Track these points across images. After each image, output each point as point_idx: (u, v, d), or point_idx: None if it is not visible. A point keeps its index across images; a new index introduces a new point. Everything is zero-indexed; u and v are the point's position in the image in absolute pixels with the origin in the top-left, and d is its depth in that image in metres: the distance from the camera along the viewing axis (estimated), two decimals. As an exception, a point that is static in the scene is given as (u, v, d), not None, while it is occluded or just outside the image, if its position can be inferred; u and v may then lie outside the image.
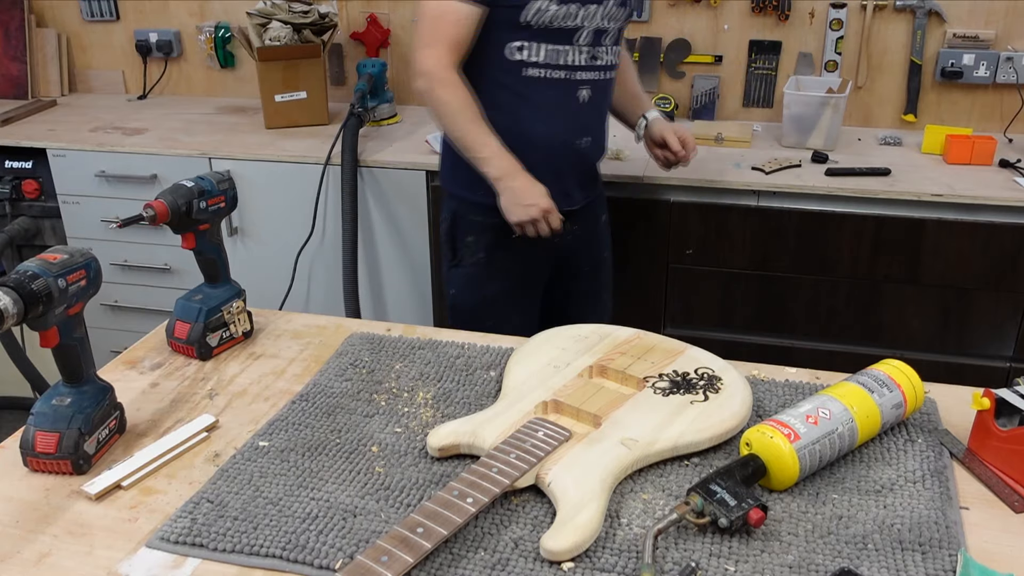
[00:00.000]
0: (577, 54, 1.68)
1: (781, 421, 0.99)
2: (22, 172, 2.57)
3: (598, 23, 1.66)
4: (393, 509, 0.95)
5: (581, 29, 1.65)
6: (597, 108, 1.78)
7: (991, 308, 2.11)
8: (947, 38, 2.42)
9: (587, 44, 1.67)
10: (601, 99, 1.78)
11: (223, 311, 1.30)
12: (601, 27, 1.67)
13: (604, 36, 1.69)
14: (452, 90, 1.63)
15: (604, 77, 1.75)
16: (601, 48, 1.70)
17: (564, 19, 1.63)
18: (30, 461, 1.04)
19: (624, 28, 1.77)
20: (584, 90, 1.71)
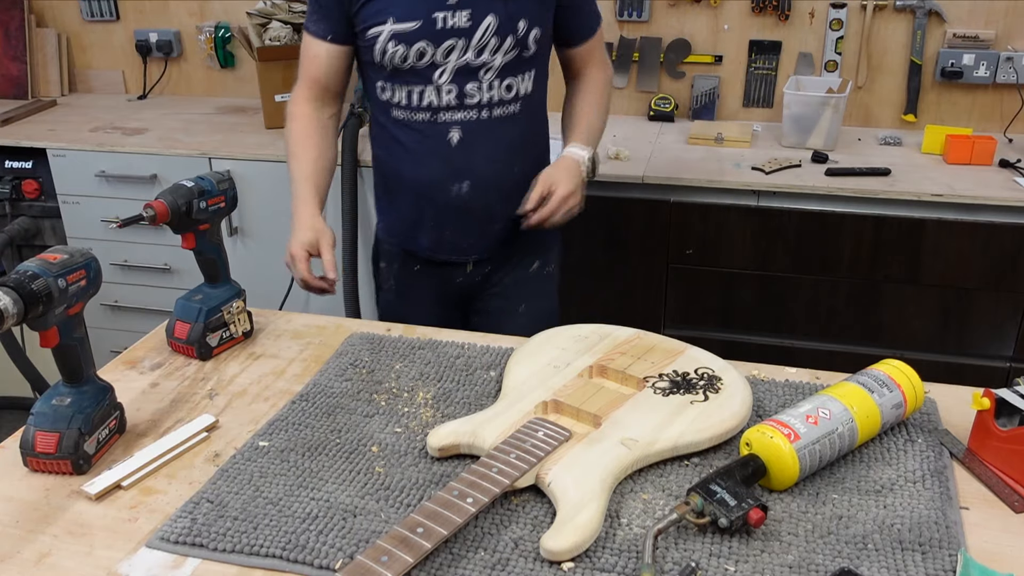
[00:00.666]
0: (439, 93, 1.51)
1: (781, 421, 0.99)
2: (22, 172, 2.57)
3: (466, 58, 1.48)
4: (393, 509, 0.95)
5: (440, 67, 1.49)
6: (476, 150, 1.56)
7: (991, 308, 2.11)
8: (947, 38, 2.43)
9: (450, 82, 1.50)
10: (484, 140, 1.56)
11: (223, 311, 1.30)
12: (471, 62, 1.49)
13: (481, 71, 1.50)
14: (292, 124, 1.61)
15: (484, 116, 1.54)
16: (475, 84, 1.51)
17: (416, 59, 1.48)
18: (30, 461, 1.04)
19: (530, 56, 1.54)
20: (454, 132, 1.54)
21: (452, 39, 1.48)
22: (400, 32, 1.47)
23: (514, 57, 1.52)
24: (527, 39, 1.51)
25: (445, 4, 1.46)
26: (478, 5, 1.47)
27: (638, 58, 2.63)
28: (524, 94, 1.57)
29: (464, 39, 1.48)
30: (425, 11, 1.46)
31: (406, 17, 1.46)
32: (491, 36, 1.48)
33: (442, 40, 1.48)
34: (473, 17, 1.47)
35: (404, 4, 1.47)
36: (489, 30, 1.48)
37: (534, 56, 1.55)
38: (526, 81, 1.56)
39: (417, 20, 1.46)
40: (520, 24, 1.49)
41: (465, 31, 1.47)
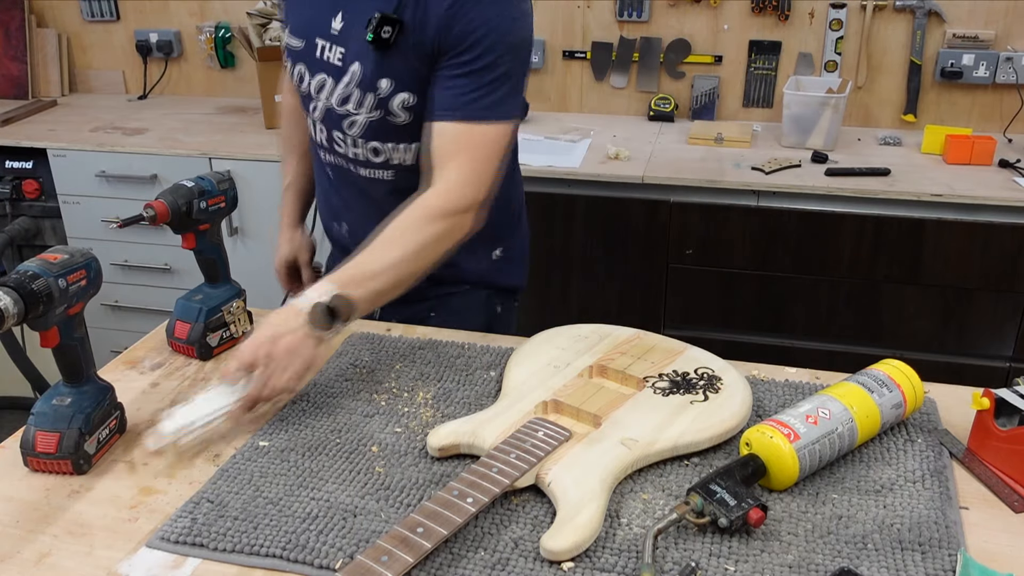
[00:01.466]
0: (316, 128, 1.35)
1: (781, 421, 0.99)
2: (22, 172, 2.57)
3: (331, 102, 1.28)
4: (393, 509, 0.95)
5: (313, 100, 1.31)
6: (347, 199, 1.40)
7: (991, 308, 2.12)
8: (947, 38, 2.43)
9: (321, 121, 1.32)
10: (354, 193, 1.38)
11: (223, 311, 1.30)
12: (336, 109, 1.28)
13: (343, 121, 1.28)
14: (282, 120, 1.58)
15: (352, 170, 1.35)
16: (340, 135, 1.30)
17: (296, 80, 1.33)
18: (30, 461, 1.04)
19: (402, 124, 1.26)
20: (328, 171, 1.40)
21: (323, 74, 1.28)
22: (289, 46, 1.33)
23: (378, 119, 1.26)
24: (390, 103, 1.24)
25: (329, 32, 1.26)
26: (352, 45, 1.24)
27: (638, 58, 2.63)
28: (400, 163, 1.32)
29: (332, 80, 1.27)
30: (310, 31, 1.28)
31: (296, 31, 1.31)
32: (352, 86, 1.25)
33: (317, 71, 1.29)
34: (344, 58, 1.25)
35: (298, 14, 1.31)
36: (353, 79, 1.25)
37: (411, 128, 1.26)
38: (403, 152, 1.30)
39: (302, 39, 1.30)
40: (382, 83, 1.23)
41: (335, 70, 1.26)
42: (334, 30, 1.25)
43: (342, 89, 1.26)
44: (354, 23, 1.23)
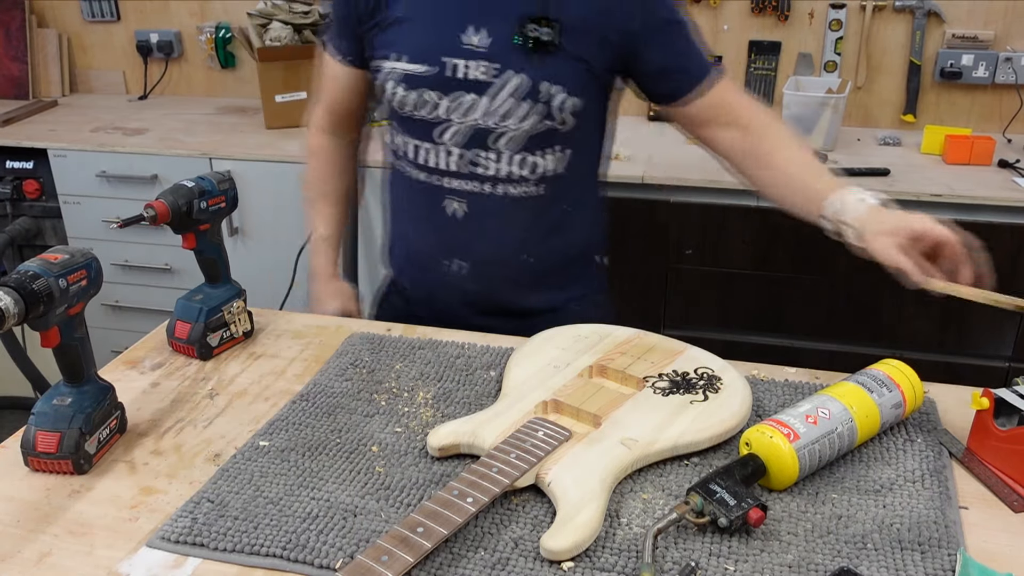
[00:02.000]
0: (441, 155, 1.28)
1: (780, 421, 0.99)
2: (23, 172, 2.57)
3: (479, 120, 1.23)
4: (393, 509, 0.96)
5: (445, 124, 1.25)
6: (479, 229, 1.32)
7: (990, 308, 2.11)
8: (946, 38, 2.43)
9: (458, 145, 1.26)
10: (491, 219, 1.31)
11: (223, 311, 1.30)
12: (484, 126, 1.23)
13: (492, 137, 1.24)
14: (309, 159, 1.49)
15: (495, 191, 1.28)
16: (486, 153, 1.25)
17: (418, 107, 1.26)
18: (31, 461, 1.04)
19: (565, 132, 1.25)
20: (455, 203, 1.30)
21: (464, 93, 1.22)
22: (407, 74, 1.24)
23: (542, 129, 1.23)
24: (552, 108, 1.22)
25: (462, 48, 1.21)
26: (503, 56, 1.20)
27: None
28: (550, 174, 1.28)
29: (480, 96, 1.22)
30: (437, 54, 1.22)
31: (416, 57, 1.24)
32: (510, 98, 1.21)
33: (453, 91, 1.23)
34: (495, 71, 1.20)
35: (416, 40, 1.24)
36: (510, 90, 1.21)
37: (571, 133, 1.25)
38: (554, 160, 1.28)
39: (427, 65, 1.23)
40: (547, 88, 1.20)
41: (482, 86, 1.22)
42: (471, 44, 1.20)
43: (496, 103, 1.22)
44: (500, 32, 1.20)
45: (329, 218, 1.49)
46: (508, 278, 1.37)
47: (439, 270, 1.38)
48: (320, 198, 1.49)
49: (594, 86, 1.25)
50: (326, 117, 1.45)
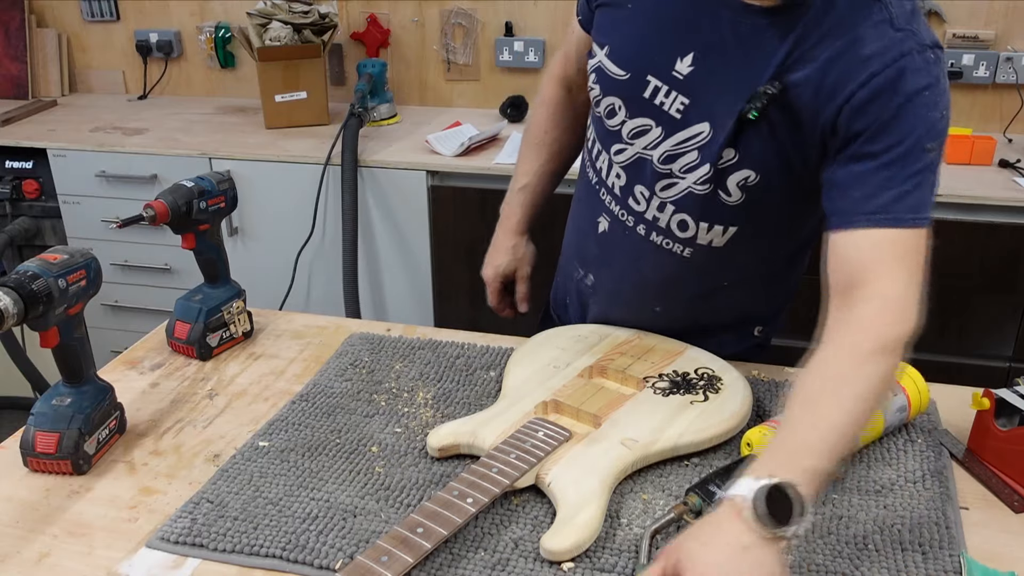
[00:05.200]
0: (609, 167, 1.15)
1: None
2: (22, 172, 2.57)
3: (652, 154, 1.08)
4: (393, 509, 0.95)
5: (621, 142, 1.11)
6: (613, 256, 1.21)
7: (991, 308, 2.11)
8: (947, 38, 2.42)
9: (623, 167, 1.12)
10: (625, 254, 1.18)
11: (223, 311, 1.30)
12: (653, 164, 1.08)
13: (657, 181, 1.09)
14: (535, 106, 1.36)
15: (639, 231, 1.15)
16: (644, 191, 1.11)
17: (604, 112, 1.11)
18: (30, 461, 1.04)
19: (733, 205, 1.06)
20: (604, 219, 1.19)
21: (649, 120, 1.07)
22: (605, 71, 1.10)
23: (706, 193, 1.05)
24: (726, 177, 1.03)
25: (670, 72, 1.03)
26: (703, 100, 1.02)
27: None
28: (705, 244, 1.11)
29: (663, 130, 1.06)
30: (641, 65, 1.06)
31: (619, 57, 1.08)
32: (693, 148, 1.04)
33: (639, 113, 1.07)
34: (688, 110, 1.03)
35: (626, 38, 1.08)
36: (696, 139, 1.04)
37: (738, 209, 1.06)
38: (715, 233, 1.10)
39: (626, 70, 1.07)
40: (727, 153, 1.02)
41: (670, 121, 1.05)
42: (678, 73, 1.03)
43: (673, 145, 1.05)
44: (710, 73, 1.01)
45: (535, 170, 1.36)
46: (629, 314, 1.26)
47: (572, 273, 1.32)
48: (533, 147, 1.36)
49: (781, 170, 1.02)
50: (562, 71, 1.31)
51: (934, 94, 0.95)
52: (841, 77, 0.95)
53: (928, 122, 0.94)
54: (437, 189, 2.28)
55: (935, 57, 0.96)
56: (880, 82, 0.93)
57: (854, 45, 0.95)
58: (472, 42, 2.68)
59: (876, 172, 0.94)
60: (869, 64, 0.94)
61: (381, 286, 2.45)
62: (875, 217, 0.93)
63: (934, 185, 0.96)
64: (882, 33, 0.94)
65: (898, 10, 0.95)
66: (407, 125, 2.59)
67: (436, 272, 2.37)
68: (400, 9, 2.70)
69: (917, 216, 0.93)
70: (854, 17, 0.95)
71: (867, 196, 0.94)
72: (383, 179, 2.32)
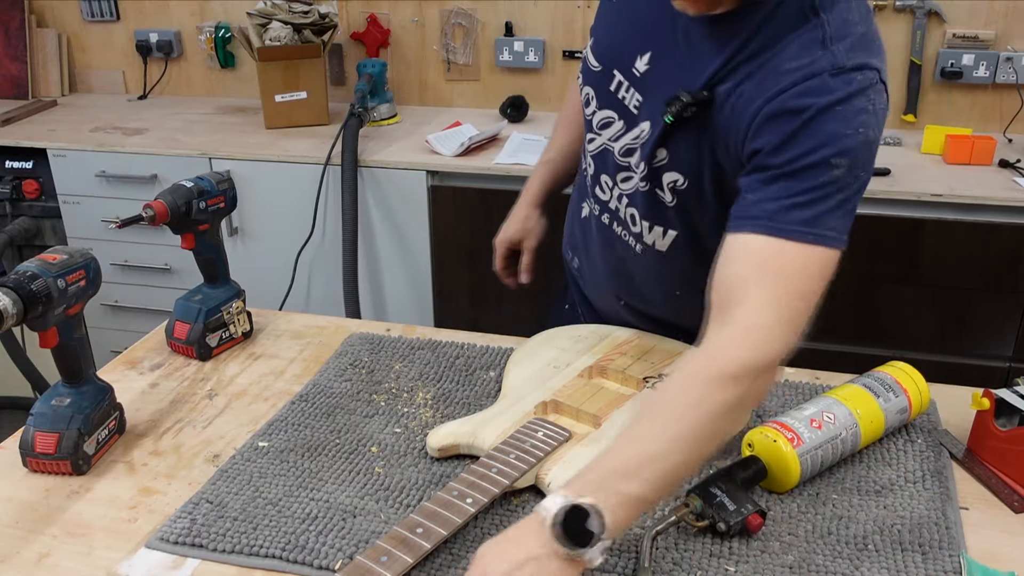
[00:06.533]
0: (585, 156, 1.19)
1: (785, 424, 0.99)
2: (22, 172, 2.57)
3: (614, 147, 1.11)
4: (393, 509, 0.95)
5: (592, 131, 1.14)
6: (589, 242, 1.25)
7: (991, 308, 2.11)
8: (947, 38, 2.42)
9: (593, 155, 1.16)
10: (597, 239, 1.22)
11: (223, 311, 1.29)
12: (615, 156, 1.11)
13: (617, 173, 1.12)
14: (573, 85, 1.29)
15: (603, 219, 1.19)
16: (608, 180, 1.15)
17: (584, 99, 1.15)
18: (30, 462, 1.04)
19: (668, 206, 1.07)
20: (586, 204, 1.23)
21: (612, 112, 1.10)
22: (587, 60, 1.13)
23: (646, 191, 1.08)
24: (660, 177, 1.05)
25: (631, 69, 1.06)
26: (651, 99, 1.04)
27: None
28: (650, 244, 1.14)
29: (624, 124, 1.09)
30: (611, 59, 1.09)
31: (597, 49, 1.12)
32: (638, 145, 1.07)
33: (606, 105, 1.11)
34: (641, 107, 1.06)
35: (606, 31, 1.11)
36: (640, 137, 1.06)
37: (674, 211, 1.08)
38: (656, 235, 1.12)
39: (600, 63, 1.10)
40: (659, 153, 1.04)
41: (629, 116, 1.08)
42: (636, 70, 1.05)
43: (629, 140, 1.08)
44: (660, 73, 1.03)
45: (561, 147, 1.36)
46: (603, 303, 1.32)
47: (565, 256, 1.39)
48: (565, 125, 1.36)
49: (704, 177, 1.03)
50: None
51: (847, 111, 0.90)
52: (756, 90, 0.94)
53: (835, 137, 0.90)
54: (437, 189, 2.28)
55: (862, 79, 0.92)
56: (786, 98, 0.91)
57: (775, 58, 0.93)
58: (472, 42, 2.68)
59: (772, 182, 0.92)
60: (782, 79, 0.92)
61: (381, 286, 2.45)
62: (758, 223, 0.91)
63: (842, 204, 0.92)
64: (808, 50, 0.92)
65: (836, 30, 0.92)
66: (407, 125, 2.59)
67: (436, 272, 2.37)
68: (400, 9, 2.70)
69: (809, 231, 0.91)
70: (787, 31, 0.93)
71: (756, 202, 0.92)
72: (383, 179, 2.32)
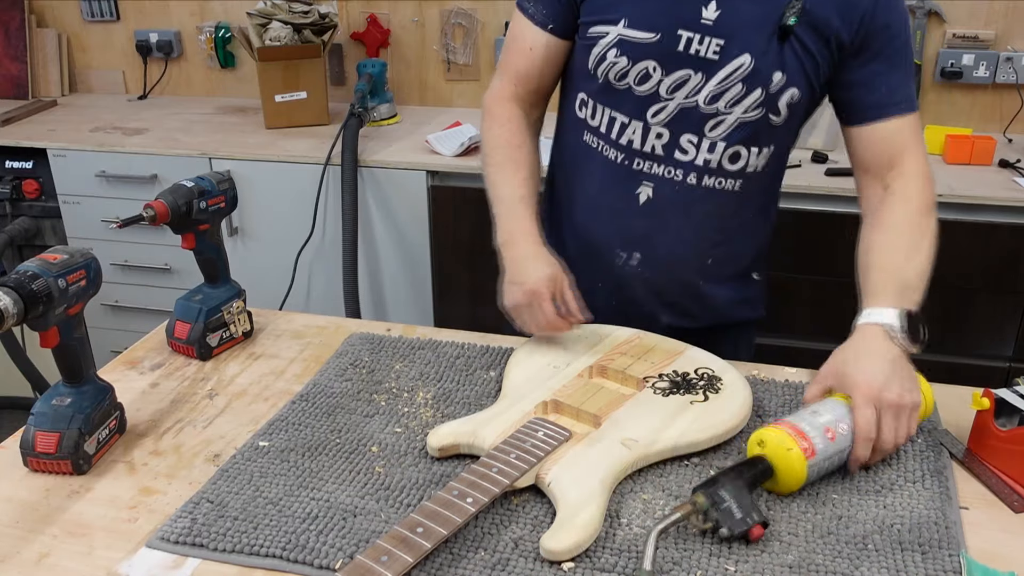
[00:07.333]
0: (644, 133, 1.20)
1: (801, 432, 0.97)
2: (22, 172, 2.57)
3: (696, 100, 1.16)
4: (393, 509, 0.95)
5: (660, 101, 1.18)
6: (663, 220, 1.25)
7: (991, 308, 2.11)
8: (947, 38, 2.43)
9: (664, 124, 1.19)
10: (677, 211, 1.24)
11: (223, 311, 1.30)
12: (701, 107, 1.17)
13: (705, 123, 1.18)
14: (493, 126, 1.31)
15: (690, 181, 1.22)
16: (694, 138, 1.19)
17: (635, 80, 1.17)
18: (30, 461, 1.04)
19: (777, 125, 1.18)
20: (646, 188, 1.23)
21: (688, 69, 1.15)
22: (629, 40, 1.16)
23: (757, 118, 1.17)
24: (778, 98, 1.15)
25: (699, 21, 1.13)
26: (738, 36, 1.13)
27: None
28: (751, 170, 1.22)
29: (703, 74, 1.15)
30: (669, 23, 1.14)
31: (642, 23, 1.15)
32: (737, 81, 1.14)
33: (676, 67, 1.15)
34: (724, 50, 1.13)
35: (642, 6, 1.16)
36: (738, 72, 1.14)
37: (781, 127, 1.19)
38: (759, 155, 1.21)
39: (655, 32, 1.15)
40: (776, 76, 1.14)
41: (708, 64, 1.14)
42: (707, 20, 1.13)
43: (715, 85, 1.15)
44: (736, 10, 1.13)
45: (525, 181, 1.28)
46: (681, 281, 1.29)
47: (608, 261, 1.29)
48: (510, 163, 1.29)
49: (812, 83, 1.16)
50: (514, 90, 1.31)
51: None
52: None
53: (906, 18, 1.17)
54: (437, 189, 2.28)
55: None
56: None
57: None
58: (472, 42, 2.68)
59: (892, 70, 1.16)
60: None
61: (381, 286, 2.45)
62: (902, 107, 1.17)
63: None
64: None
65: None
66: (407, 125, 2.60)
67: (436, 272, 2.37)
68: (400, 9, 2.70)
69: (916, 101, 1.21)
70: None
71: (890, 90, 1.17)
72: (383, 179, 2.32)
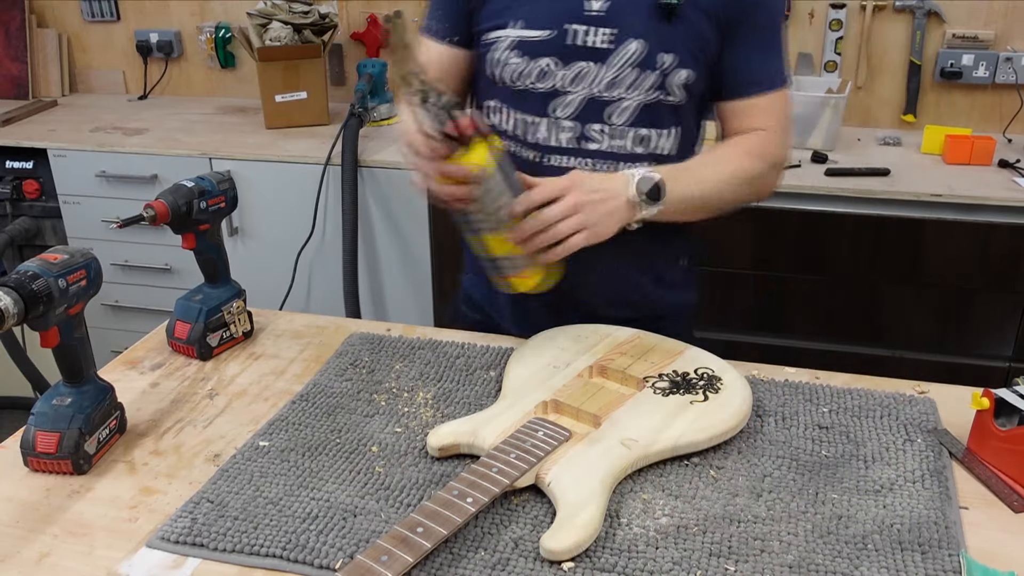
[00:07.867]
0: (553, 130, 1.23)
1: None
2: (23, 172, 2.57)
3: (596, 90, 1.20)
4: (393, 509, 0.96)
5: (561, 96, 1.21)
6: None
7: (991, 308, 2.12)
8: (946, 38, 2.43)
9: (571, 118, 1.21)
10: None
11: (223, 311, 1.30)
12: (599, 96, 1.20)
13: (607, 110, 1.21)
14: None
15: (603, 170, 1.23)
16: (601, 126, 1.22)
17: (534, 79, 1.21)
18: (30, 461, 1.04)
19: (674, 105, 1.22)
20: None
21: (584, 62, 1.19)
22: (524, 41, 1.20)
23: (653, 101, 1.20)
24: (670, 79, 1.19)
25: (584, 15, 1.18)
26: (625, 24, 1.17)
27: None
28: (661, 152, 1.25)
29: (599, 64, 1.19)
30: (558, 19, 1.18)
31: (534, 23, 1.19)
32: (630, 67, 1.18)
33: (572, 60, 1.19)
34: (616, 38, 1.18)
35: (534, 6, 1.20)
36: (630, 58, 1.18)
37: (680, 108, 1.22)
38: (666, 138, 1.24)
39: (547, 29, 1.19)
40: (664, 59, 1.17)
41: (601, 54, 1.18)
42: (593, 11, 1.17)
43: (612, 72, 1.18)
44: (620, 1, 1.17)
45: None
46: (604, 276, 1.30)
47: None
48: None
49: (704, 62, 1.20)
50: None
51: None
52: None
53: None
54: (437, 189, 2.28)
55: None
56: None
57: None
58: (472, 42, 2.68)
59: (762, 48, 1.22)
60: None
61: (381, 286, 2.45)
62: (759, 87, 1.23)
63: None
64: None
65: None
66: (407, 125, 2.59)
67: (436, 272, 2.38)
68: (400, 9, 2.70)
69: (787, 77, 1.26)
70: None
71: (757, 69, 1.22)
72: (383, 179, 2.32)
